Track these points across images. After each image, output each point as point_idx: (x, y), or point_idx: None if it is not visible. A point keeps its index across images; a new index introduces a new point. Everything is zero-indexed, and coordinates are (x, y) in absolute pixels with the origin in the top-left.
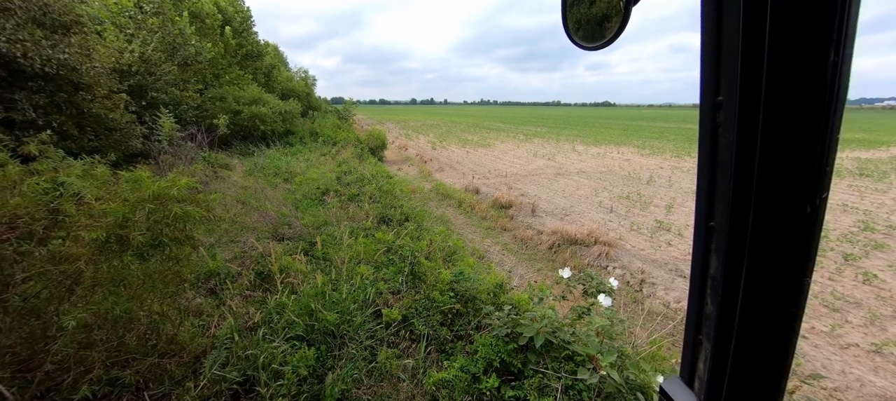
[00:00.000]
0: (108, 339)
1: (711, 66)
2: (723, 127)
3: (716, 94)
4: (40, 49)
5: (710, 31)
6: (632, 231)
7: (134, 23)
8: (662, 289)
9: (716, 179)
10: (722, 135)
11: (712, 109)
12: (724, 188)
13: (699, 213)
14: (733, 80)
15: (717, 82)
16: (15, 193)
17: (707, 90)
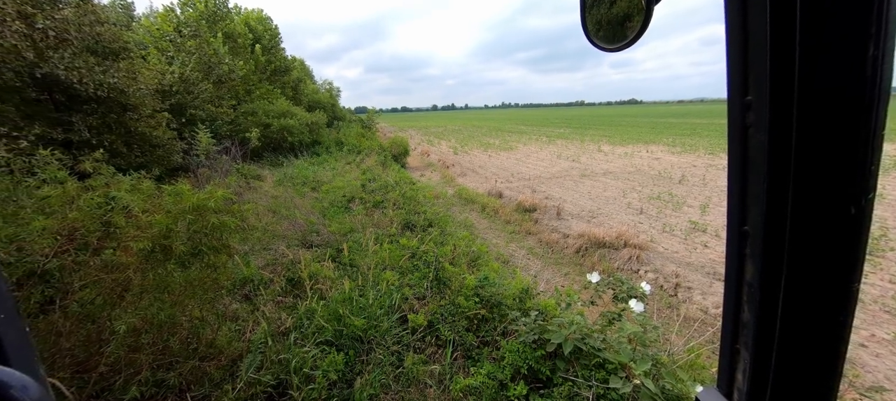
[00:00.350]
0: (154, 342)
1: (738, 65)
2: (753, 127)
3: (744, 93)
4: (93, 74)
5: (734, 28)
6: (664, 233)
7: (174, 46)
8: (699, 293)
9: (747, 181)
10: (752, 135)
11: (741, 109)
12: (757, 191)
13: (732, 217)
14: (762, 79)
15: (744, 81)
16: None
17: (734, 89)
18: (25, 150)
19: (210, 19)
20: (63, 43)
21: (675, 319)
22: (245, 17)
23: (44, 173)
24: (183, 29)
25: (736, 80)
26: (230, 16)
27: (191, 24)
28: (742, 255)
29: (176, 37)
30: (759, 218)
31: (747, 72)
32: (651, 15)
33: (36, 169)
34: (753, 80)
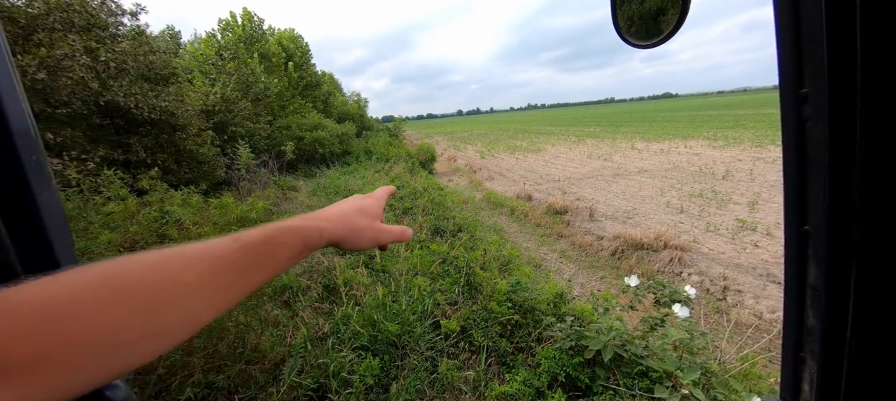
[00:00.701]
0: (205, 347)
1: (791, 55)
2: (811, 121)
3: (799, 85)
4: (148, 99)
5: (785, 15)
6: (708, 233)
7: (215, 69)
8: (752, 297)
9: (806, 178)
10: (810, 130)
11: (796, 102)
12: (817, 189)
13: (789, 216)
14: (820, 70)
15: (799, 72)
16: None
17: (788, 81)
18: (92, 170)
19: (247, 41)
20: (122, 72)
21: (724, 324)
22: (278, 37)
23: (108, 191)
24: (223, 52)
25: (789, 72)
26: (265, 37)
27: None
28: (803, 256)
29: (217, 60)
30: (821, 217)
31: (801, 62)
32: (688, 7)
33: (101, 188)
34: (809, 72)
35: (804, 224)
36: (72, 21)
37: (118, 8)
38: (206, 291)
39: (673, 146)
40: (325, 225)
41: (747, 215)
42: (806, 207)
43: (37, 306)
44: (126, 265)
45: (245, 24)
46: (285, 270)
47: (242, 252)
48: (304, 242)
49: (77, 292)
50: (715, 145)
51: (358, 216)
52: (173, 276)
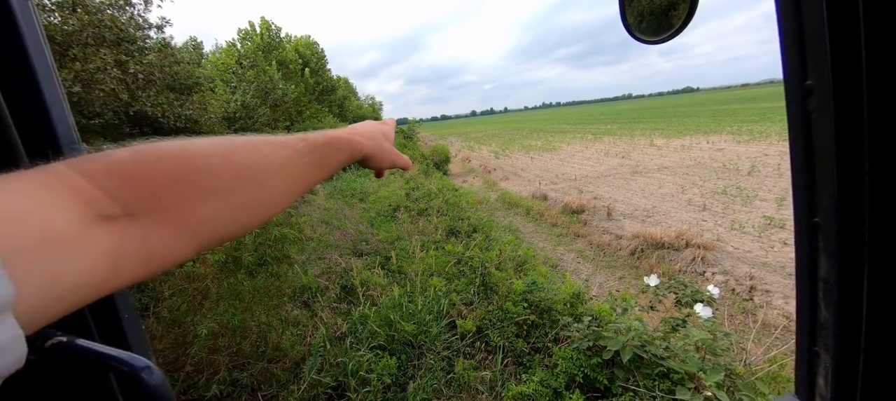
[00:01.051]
0: (230, 345)
1: (794, 48)
2: (817, 112)
3: (803, 77)
4: (173, 108)
5: (786, 7)
6: (733, 231)
7: (236, 77)
8: (780, 297)
9: (814, 170)
10: (816, 121)
11: (801, 94)
12: (825, 181)
13: (798, 209)
14: (823, 62)
15: (803, 66)
16: None
17: (792, 74)
18: None
19: (265, 50)
20: (149, 83)
21: (751, 325)
22: (295, 44)
23: None
24: (243, 61)
25: (793, 65)
26: (282, 45)
27: (249, 56)
28: (814, 249)
29: (237, 68)
30: (830, 209)
31: (805, 55)
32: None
33: None
34: (813, 64)
35: (814, 217)
36: (103, 36)
37: (145, 22)
38: (291, 175)
39: (694, 142)
40: (364, 142)
41: (775, 212)
42: (815, 199)
43: (179, 158)
44: (235, 142)
45: (263, 33)
46: (334, 173)
47: (311, 149)
48: (351, 152)
49: (208, 154)
50: (739, 140)
51: (383, 139)
52: (270, 156)
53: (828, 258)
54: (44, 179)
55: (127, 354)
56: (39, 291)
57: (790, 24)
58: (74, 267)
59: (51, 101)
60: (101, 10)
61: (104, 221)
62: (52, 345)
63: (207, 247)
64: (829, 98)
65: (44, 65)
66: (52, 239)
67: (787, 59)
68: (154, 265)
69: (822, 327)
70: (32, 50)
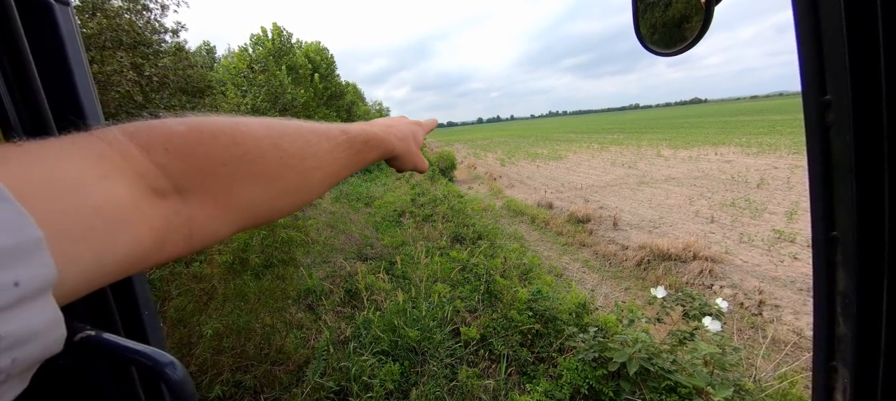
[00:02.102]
0: (234, 346)
1: (813, 62)
2: (835, 127)
3: (822, 92)
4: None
5: (805, 22)
6: (741, 244)
7: (247, 81)
8: (791, 313)
9: (832, 183)
10: (835, 136)
11: (819, 109)
12: (844, 193)
13: (816, 222)
14: (842, 78)
15: (822, 80)
16: None
17: (810, 88)
18: None
19: (276, 54)
20: (163, 86)
21: (760, 341)
22: (305, 49)
23: None
24: (254, 65)
25: (811, 79)
26: (293, 50)
27: (260, 61)
28: (832, 263)
29: (248, 72)
30: (849, 222)
31: (823, 70)
32: (711, 15)
33: None
34: (831, 80)
35: (832, 230)
36: (121, 39)
37: (162, 26)
38: (330, 167)
39: (702, 153)
40: (396, 143)
41: (785, 226)
42: (833, 213)
43: (233, 139)
44: (284, 127)
45: (274, 39)
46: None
47: (349, 144)
48: (383, 150)
49: (259, 137)
50: (748, 152)
51: (413, 141)
52: (314, 146)
53: (846, 272)
54: (99, 147)
55: (151, 349)
56: (83, 269)
57: (808, 38)
58: (121, 244)
59: (86, 103)
60: (120, 15)
61: (155, 197)
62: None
63: (244, 228)
64: (847, 112)
65: (81, 69)
66: (104, 215)
67: (805, 72)
68: (195, 243)
69: (839, 342)
70: (72, 55)
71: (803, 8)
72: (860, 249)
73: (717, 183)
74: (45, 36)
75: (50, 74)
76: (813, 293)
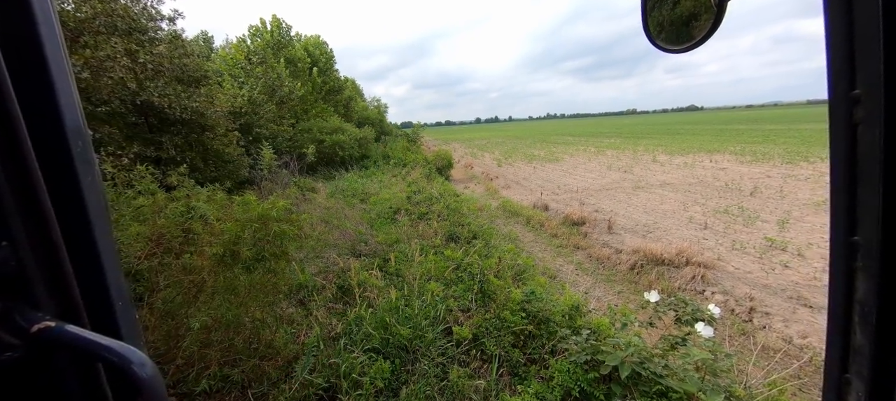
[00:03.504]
0: (222, 340)
1: (843, 57)
2: (863, 124)
3: (851, 86)
4: (180, 100)
5: (837, 16)
6: (734, 251)
7: (244, 72)
8: (780, 321)
9: (857, 185)
10: (862, 133)
11: (848, 104)
12: (869, 196)
13: (837, 226)
14: (875, 71)
15: (852, 74)
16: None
17: (838, 83)
18: (126, 166)
19: (275, 47)
20: (158, 74)
21: (751, 348)
22: (305, 43)
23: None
24: (252, 57)
25: (840, 74)
26: (292, 43)
27: (259, 53)
28: (851, 269)
29: (246, 64)
30: (873, 226)
31: (854, 64)
32: (723, 12)
33: (133, 182)
34: (863, 73)
35: (853, 235)
36: (115, 25)
37: (158, 13)
38: None
39: (697, 160)
40: None
41: (777, 234)
42: (855, 216)
43: None
44: None
45: (274, 31)
46: None
47: None
48: None
49: None
50: (742, 160)
51: None
52: None
53: (866, 279)
54: None
55: (119, 344)
56: None
57: (840, 31)
58: None
59: (60, 87)
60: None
61: None
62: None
63: None
64: (878, 108)
65: (55, 50)
66: None
67: (835, 66)
68: None
69: (855, 353)
70: (45, 35)
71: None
72: (884, 255)
73: (711, 190)
74: (15, 19)
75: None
76: (828, 300)
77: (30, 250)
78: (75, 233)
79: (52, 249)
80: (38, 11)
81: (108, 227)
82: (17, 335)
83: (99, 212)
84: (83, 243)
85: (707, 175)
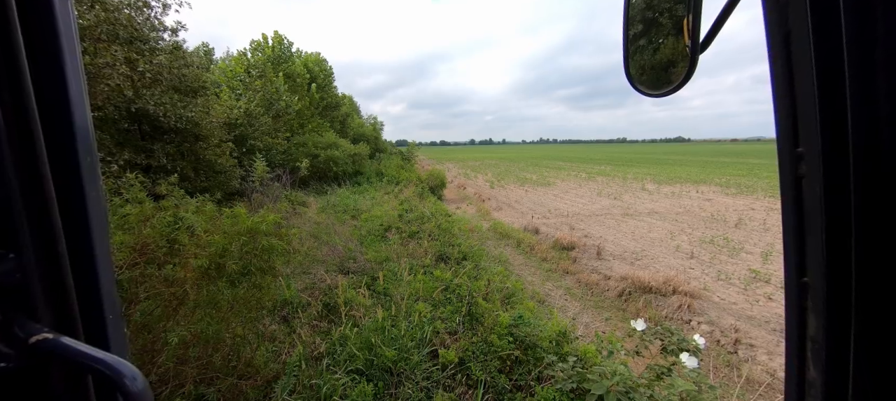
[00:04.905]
0: (200, 357)
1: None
2: (806, 178)
3: (795, 144)
4: (176, 109)
5: (780, 80)
6: (719, 281)
7: (243, 85)
8: (764, 353)
9: (804, 231)
10: (806, 186)
11: (793, 160)
12: (814, 242)
13: (789, 268)
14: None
15: (794, 133)
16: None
17: (784, 140)
18: (115, 173)
19: (275, 62)
20: (155, 82)
21: (735, 380)
22: (305, 59)
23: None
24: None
25: (785, 131)
26: (292, 58)
27: (259, 66)
28: (803, 308)
29: (245, 76)
30: (818, 269)
31: (797, 123)
32: (696, 63)
33: (122, 190)
34: (804, 132)
35: (803, 276)
36: (117, 33)
37: (161, 24)
38: None
39: (684, 190)
40: None
41: (761, 266)
42: (805, 259)
43: None
44: None
45: (275, 46)
46: None
47: None
48: None
49: None
50: (727, 192)
51: None
52: None
53: (816, 317)
54: None
55: (112, 357)
56: None
57: (784, 94)
58: None
59: (75, 96)
60: (119, 9)
61: None
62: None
63: None
64: (817, 164)
65: (73, 61)
66: None
67: (780, 125)
68: None
69: (810, 386)
70: (66, 45)
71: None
72: (829, 296)
73: (698, 220)
74: (40, 24)
75: (41, 64)
76: (785, 336)
77: (34, 262)
78: (77, 246)
79: (56, 261)
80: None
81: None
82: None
83: (100, 225)
84: (83, 256)
85: (694, 205)
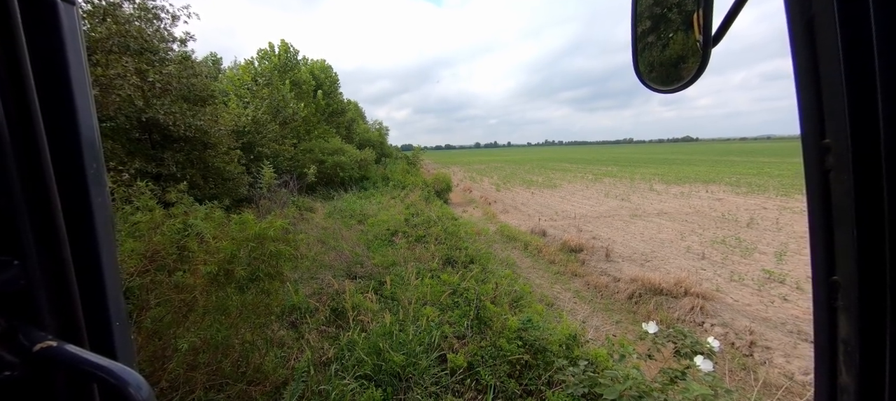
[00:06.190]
0: (209, 362)
1: (813, 109)
2: (834, 170)
3: (821, 136)
4: (185, 118)
5: (804, 67)
6: (732, 282)
7: (250, 93)
8: (781, 356)
9: (833, 227)
10: (834, 179)
11: (819, 153)
12: (845, 238)
13: (817, 266)
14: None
15: (821, 124)
16: (157, 232)
17: (809, 133)
18: (126, 181)
19: (281, 70)
20: (165, 92)
21: (751, 383)
22: (310, 67)
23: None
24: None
25: (810, 123)
26: (298, 66)
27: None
28: (833, 308)
29: (252, 85)
30: (851, 266)
31: (823, 114)
32: (708, 58)
33: (132, 198)
34: (831, 123)
35: (832, 274)
36: (128, 45)
37: (170, 35)
38: None
39: (693, 190)
40: None
41: (774, 266)
42: (833, 256)
43: None
44: None
45: (281, 54)
46: None
47: None
48: None
49: None
50: (738, 191)
51: None
52: None
53: (848, 318)
54: None
55: (117, 365)
56: None
57: (808, 84)
58: None
59: (80, 104)
60: (130, 22)
61: None
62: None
63: None
64: (846, 156)
65: (79, 70)
66: None
67: (805, 117)
68: None
69: (842, 392)
70: (71, 55)
71: (803, 54)
72: (862, 294)
73: (708, 220)
74: (45, 34)
75: (46, 74)
76: (814, 338)
77: (39, 269)
78: (82, 252)
79: (61, 268)
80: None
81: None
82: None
83: (106, 232)
84: (89, 263)
85: (703, 205)
